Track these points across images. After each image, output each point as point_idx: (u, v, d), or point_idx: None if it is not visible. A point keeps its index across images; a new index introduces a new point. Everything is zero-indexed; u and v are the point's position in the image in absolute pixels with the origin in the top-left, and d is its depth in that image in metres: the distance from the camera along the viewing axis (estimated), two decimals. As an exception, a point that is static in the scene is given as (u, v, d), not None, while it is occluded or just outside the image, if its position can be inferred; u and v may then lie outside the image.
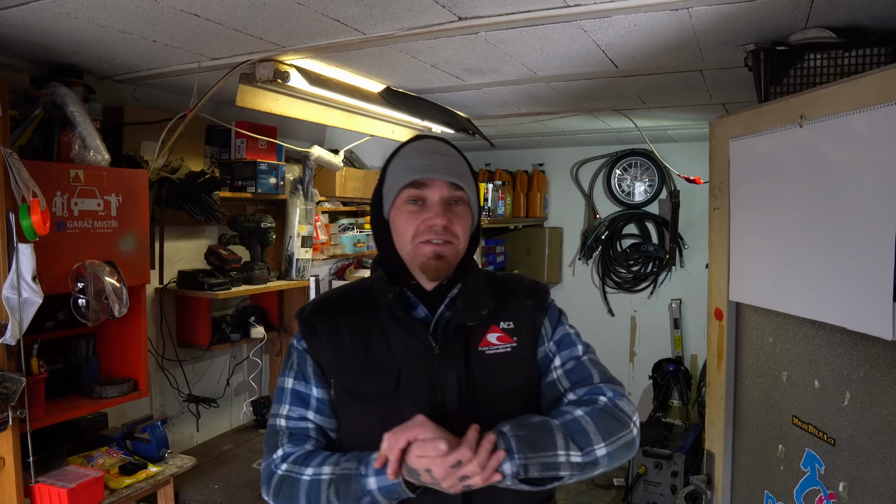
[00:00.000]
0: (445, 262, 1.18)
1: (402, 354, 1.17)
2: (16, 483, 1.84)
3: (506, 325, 1.23)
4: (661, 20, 1.72)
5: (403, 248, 1.20)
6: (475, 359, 1.19)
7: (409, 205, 1.18)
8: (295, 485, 1.13)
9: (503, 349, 1.21)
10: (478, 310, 1.20)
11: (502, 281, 1.31)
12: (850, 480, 1.38)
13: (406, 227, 1.18)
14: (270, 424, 1.23)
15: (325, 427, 1.21)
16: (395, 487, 1.06)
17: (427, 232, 1.17)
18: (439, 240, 1.16)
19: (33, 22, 1.70)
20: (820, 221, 1.42)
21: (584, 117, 3.44)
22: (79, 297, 1.94)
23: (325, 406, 1.21)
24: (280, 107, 2.42)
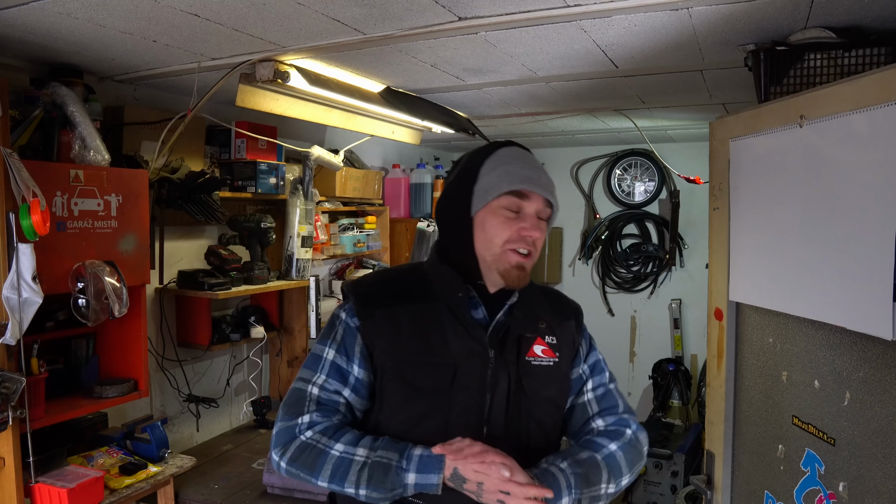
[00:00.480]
0: (526, 273, 1.24)
1: (459, 353, 1.20)
2: (16, 483, 1.84)
3: (550, 339, 1.29)
4: (661, 20, 1.72)
5: (489, 250, 1.23)
6: (523, 367, 1.24)
7: (507, 211, 1.22)
8: (321, 456, 1.15)
9: (547, 362, 1.27)
10: (537, 322, 1.28)
11: (550, 296, 1.39)
12: (850, 480, 1.38)
13: (499, 231, 1.22)
14: (298, 388, 1.23)
15: (355, 407, 1.23)
16: (432, 487, 1.10)
17: (520, 241, 1.21)
18: (526, 250, 1.22)
19: (33, 22, 1.70)
20: (820, 221, 1.42)
21: (584, 117, 3.44)
22: (79, 297, 1.94)
23: (362, 387, 1.23)
24: (280, 107, 2.42)
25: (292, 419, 1.19)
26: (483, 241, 1.23)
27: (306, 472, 1.16)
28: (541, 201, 1.23)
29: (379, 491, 1.11)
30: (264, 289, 2.84)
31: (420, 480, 1.10)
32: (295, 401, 1.22)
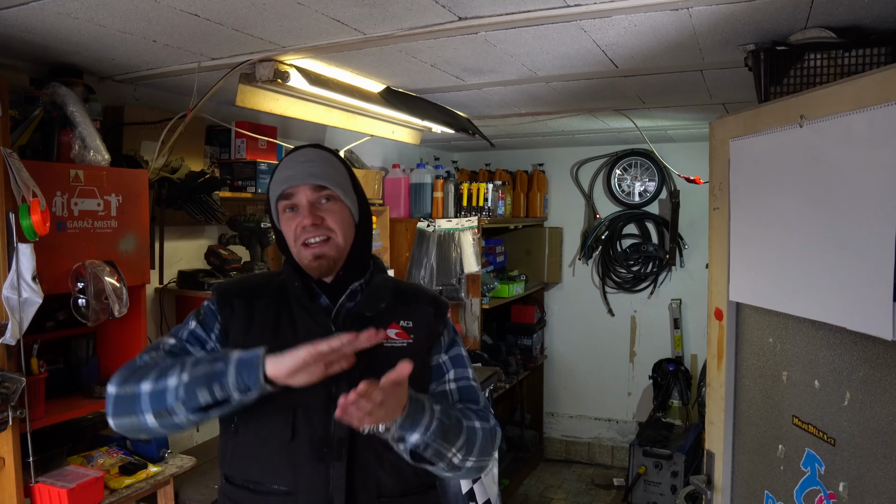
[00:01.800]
0: (325, 259, 1.30)
1: (305, 337, 1.23)
2: (16, 483, 1.84)
3: (405, 323, 1.37)
4: (661, 20, 1.72)
5: (294, 253, 1.34)
6: (373, 349, 1.25)
7: (286, 213, 1.33)
8: (151, 367, 1.22)
9: (399, 344, 1.34)
10: (377, 302, 1.35)
11: (407, 287, 1.48)
12: (850, 480, 1.38)
13: (287, 234, 1.34)
14: (154, 343, 1.33)
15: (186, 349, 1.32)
16: (253, 375, 1.13)
17: (302, 233, 1.30)
18: (314, 238, 1.30)
19: (33, 22, 1.70)
20: (820, 221, 1.42)
21: (584, 117, 3.44)
22: (79, 297, 1.94)
23: (197, 340, 1.33)
24: (280, 107, 2.42)
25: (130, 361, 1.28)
26: (288, 245, 1.35)
27: (133, 383, 1.19)
28: (307, 190, 1.30)
29: (200, 382, 1.14)
30: (264, 289, 2.84)
31: (241, 368, 1.14)
32: (146, 349, 1.31)
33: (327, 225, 1.31)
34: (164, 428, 1.20)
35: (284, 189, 1.31)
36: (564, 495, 4.47)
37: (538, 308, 4.93)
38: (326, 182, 1.32)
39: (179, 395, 1.15)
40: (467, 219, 3.89)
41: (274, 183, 1.35)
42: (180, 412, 1.16)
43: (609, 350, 4.94)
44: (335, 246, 1.31)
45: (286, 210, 1.33)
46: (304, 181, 1.31)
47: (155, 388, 1.17)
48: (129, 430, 1.23)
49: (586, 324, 5.01)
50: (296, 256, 1.33)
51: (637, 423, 4.84)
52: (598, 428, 5.05)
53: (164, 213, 2.50)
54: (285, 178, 1.32)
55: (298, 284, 1.33)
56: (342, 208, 1.34)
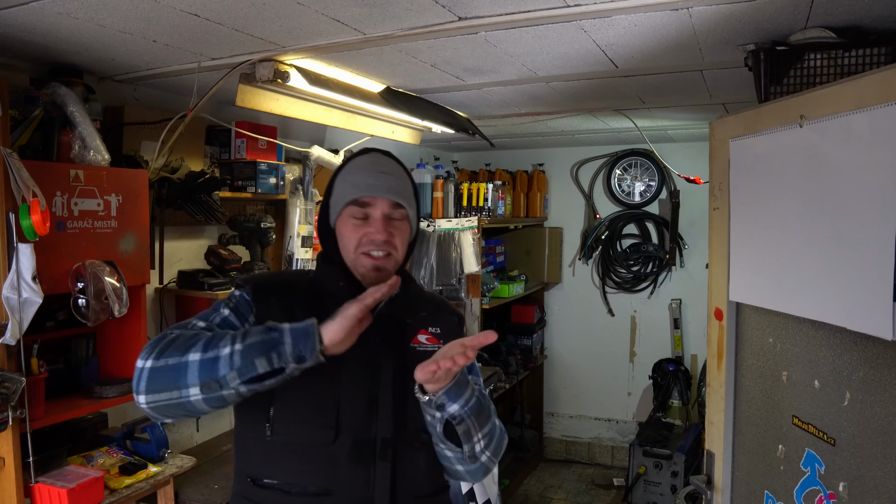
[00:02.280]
0: (384, 273, 1.31)
1: None
2: (16, 483, 1.84)
3: (434, 329, 1.39)
4: (661, 20, 1.72)
5: (347, 257, 1.34)
6: (409, 352, 1.34)
7: (354, 218, 1.32)
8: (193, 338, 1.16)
9: (431, 348, 1.34)
10: (417, 311, 1.39)
11: (430, 295, 1.51)
12: (850, 480, 1.38)
13: (350, 238, 1.32)
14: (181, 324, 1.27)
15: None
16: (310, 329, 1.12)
17: (368, 244, 1.31)
18: (379, 252, 1.30)
19: (33, 22, 1.70)
20: (820, 221, 1.42)
21: (584, 117, 3.44)
22: (79, 297, 1.94)
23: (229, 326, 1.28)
24: (280, 107, 2.42)
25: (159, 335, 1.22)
26: (342, 247, 1.34)
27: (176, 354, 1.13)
28: (386, 204, 1.31)
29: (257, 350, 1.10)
30: (264, 289, 2.84)
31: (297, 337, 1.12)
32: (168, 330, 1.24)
33: (394, 242, 1.32)
34: (207, 403, 1.13)
35: (361, 196, 1.31)
36: (564, 495, 4.47)
37: (538, 308, 4.93)
38: (403, 201, 1.33)
39: (235, 363, 1.10)
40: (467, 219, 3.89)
41: (347, 184, 1.33)
42: (232, 382, 1.10)
43: (609, 350, 4.95)
44: (395, 262, 1.34)
45: (354, 216, 1.32)
46: (385, 195, 1.31)
47: (205, 357, 1.11)
48: (162, 407, 1.14)
49: (586, 324, 5.01)
50: (350, 261, 1.33)
51: (637, 423, 4.84)
52: (598, 428, 5.05)
53: (164, 213, 2.50)
54: (365, 186, 1.31)
55: (344, 285, 1.32)
56: (408, 228, 1.36)
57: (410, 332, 1.37)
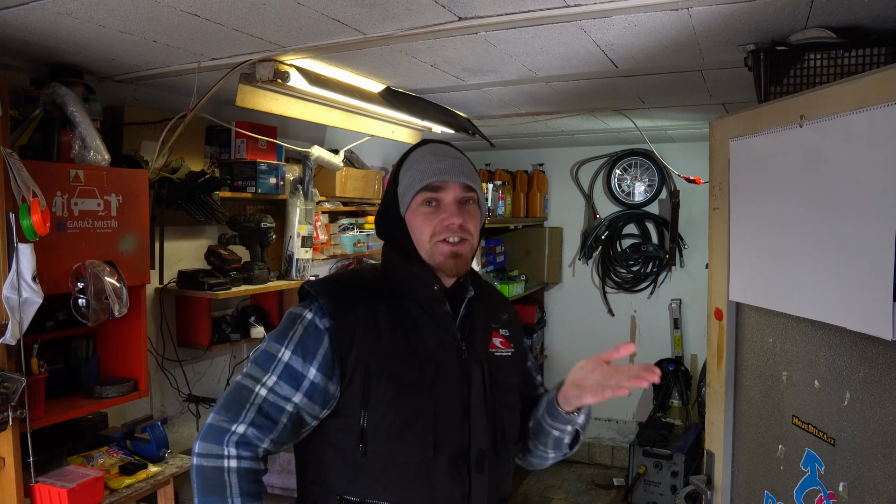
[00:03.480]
0: (463, 259, 1.25)
1: (435, 347, 1.23)
2: (16, 483, 1.84)
3: (504, 332, 1.35)
4: (661, 20, 1.72)
5: (422, 248, 1.25)
6: (490, 358, 1.29)
7: (425, 206, 1.25)
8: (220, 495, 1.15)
9: (505, 353, 1.33)
10: (500, 313, 1.35)
11: (492, 289, 1.44)
12: (850, 480, 1.38)
13: (423, 228, 1.24)
14: (244, 386, 1.17)
15: (306, 412, 1.18)
16: None
17: (444, 231, 1.23)
18: (455, 238, 1.24)
19: (33, 22, 1.70)
20: (820, 221, 1.42)
21: (584, 117, 3.44)
22: (79, 297, 1.94)
23: (317, 393, 1.17)
24: (280, 107, 2.42)
25: (227, 422, 1.15)
26: (416, 239, 1.26)
27: (203, 493, 1.17)
28: (458, 188, 1.25)
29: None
30: (264, 289, 2.84)
31: None
32: (236, 399, 1.16)
33: (468, 228, 1.25)
34: None
35: (433, 181, 1.24)
36: (564, 495, 4.47)
37: (538, 308, 4.92)
38: (475, 184, 1.28)
39: None
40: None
41: (417, 171, 1.26)
42: None
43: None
44: (471, 247, 1.27)
45: (426, 203, 1.25)
46: (457, 178, 1.25)
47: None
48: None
49: (586, 324, 5.01)
50: (427, 252, 1.24)
51: (637, 423, 4.84)
52: (598, 428, 5.05)
53: (164, 213, 2.50)
54: (435, 170, 1.24)
55: (439, 289, 1.24)
56: (478, 212, 1.30)
57: (487, 337, 1.32)
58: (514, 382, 1.33)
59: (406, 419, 1.17)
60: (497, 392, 1.27)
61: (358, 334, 1.18)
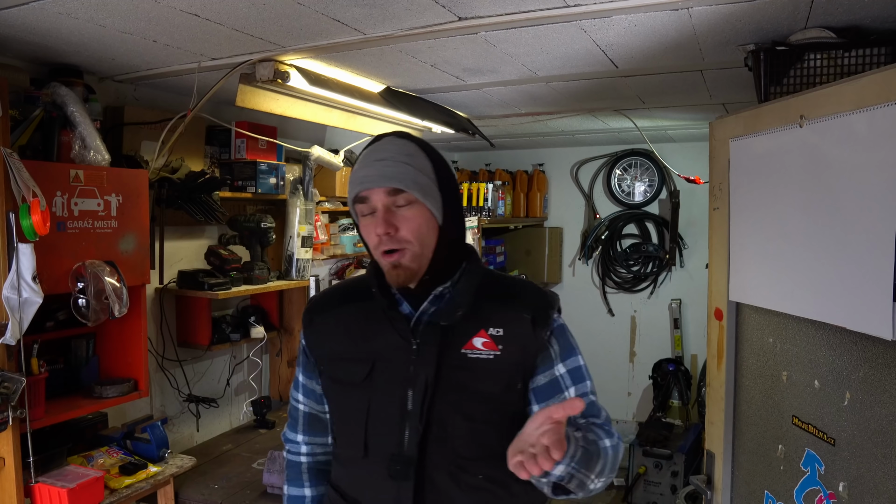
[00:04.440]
0: (403, 270, 1.17)
1: (380, 347, 1.22)
2: (16, 483, 1.84)
3: (495, 331, 1.20)
4: (661, 20, 1.72)
5: (373, 256, 1.25)
6: (456, 360, 1.19)
7: (363, 217, 1.21)
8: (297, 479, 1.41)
9: (486, 355, 1.19)
10: (454, 311, 1.20)
11: (506, 286, 1.29)
12: (850, 480, 1.38)
13: (367, 240, 1.23)
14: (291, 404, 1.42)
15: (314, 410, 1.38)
16: None
17: (380, 243, 1.18)
18: (391, 248, 1.17)
19: (33, 22, 1.70)
20: (820, 221, 1.42)
21: (584, 117, 3.44)
22: (79, 297, 1.94)
23: (310, 392, 1.37)
24: (280, 107, 2.42)
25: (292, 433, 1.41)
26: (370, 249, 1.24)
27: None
28: (382, 194, 1.16)
29: None
30: (264, 289, 2.84)
31: None
32: (292, 414, 1.42)
33: (401, 236, 1.16)
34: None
35: (359, 192, 1.19)
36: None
37: (538, 308, 4.91)
38: (402, 184, 1.16)
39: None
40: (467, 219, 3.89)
41: (350, 183, 1.22)
42: None
43: (609, 350, 4.94)
44: (412, 255, 1.17)
45: (364, 214, 1.20)
46: (378, 184, 1.16)
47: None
48: None
49: (586, 324, 5.00)
50: (378, 262, 1.23)
51: (637, 423, 4.83)
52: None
53: (164, 213, 2.50)
54: (360, 179, 1.19)
55: (377, 291, 1.22)
56: (420, 212, 1.17)
57: (464, 336, 1.20)
58: (482, 389, 1.18)
59: (342, 418, 1.27)
60: (452, 398, 1.17)
61: (319, 340, 1.31)
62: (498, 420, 1.19)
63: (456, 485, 1.17)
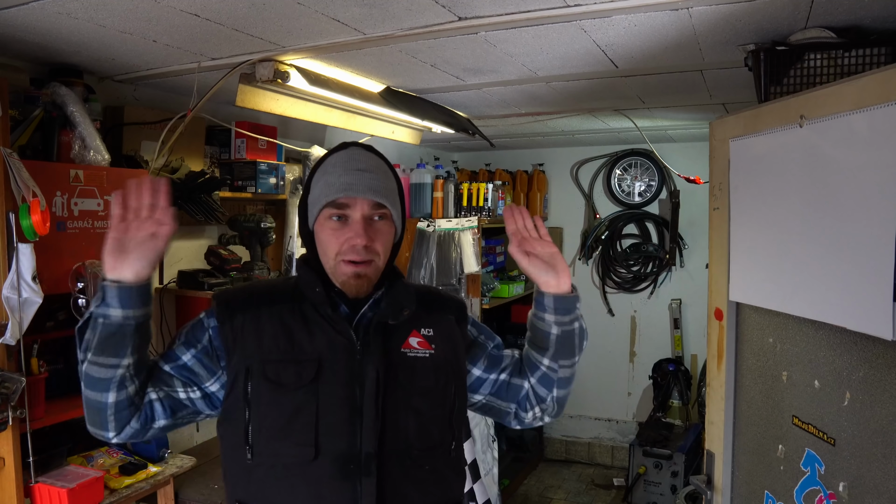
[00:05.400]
0: (365, 280, 1.23)
1: (323, 347, 1.21)
2: (16, 483, 1.84)
3: (426, 331, 1.29)
4: (661, 20, 1.72)
5: (326, 264, 1.25)
6: (397, 358, 1.25)
7: (332, 221, 1.22)
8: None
9: (422, 353, 1.27)
10: (400, 310, 1.26)
11: (426, 293, 1.39)
12: (850, 480, 1.38)
13: (329, 244, 1.22)
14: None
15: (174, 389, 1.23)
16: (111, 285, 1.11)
17: (349, 251, 1.20)
18: (360, 259, 1.20)
19: (33, 22, 1.70)
20: (820, 221, 1.42)
21: (584, 117, 3.44)
22: (79, 297, 1.94)
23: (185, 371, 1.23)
24: (280, 107, 2.42)
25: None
26: (321, 254, 1.25)
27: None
28: (366, 205, 1.21)
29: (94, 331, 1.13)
30: (264, 289, 2.84)
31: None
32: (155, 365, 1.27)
33: (375, 248, 1.22)
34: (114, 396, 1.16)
35: (339, 197, 1.20)
36: (564, 495, 4.47)
37: (538, 308, 4.91)
38: (386, 200, 1.23)
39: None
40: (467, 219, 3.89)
41: (324, 185, 1.23)
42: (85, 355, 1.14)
43: (609, 350, 4.94)
44: (376, 268, 1.24)
45: (332, 218, 1.22)
46: (364, 194, 1.20)
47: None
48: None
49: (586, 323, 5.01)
50: (330, 269, 1.24)
51: (637, 423, 4.84)
52: (598, 428, 5.05)
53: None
54: (342, 185, 1.21)
55: (320, 291, 1.23)
56: (390, 228, 1.27)
57: (400, 336, 1.27)
58: (424, 384, 1.25)
59: (284, 419, 1.18)
60: (401, 394, 1.22)
61: (240, 337, 1.22)
62: (440, 414, 1.27)
63: (407, 478, 1.21)
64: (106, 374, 1.13)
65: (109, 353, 1.13)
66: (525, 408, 1.37)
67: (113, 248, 1.13)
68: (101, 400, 1.15)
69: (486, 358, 1.38)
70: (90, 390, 1.15)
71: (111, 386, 1.14)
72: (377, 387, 1.19)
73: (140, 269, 1.12)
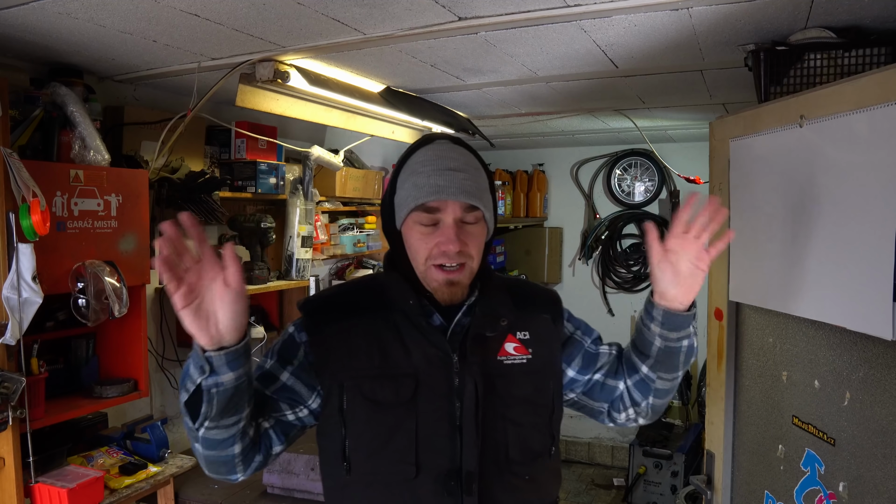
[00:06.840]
0: (459, 287, 1.17)
1: (419, 361, 1.15)
2: (16, 483, 1.84)
3: (522, 335, 1.23)
4: (661, 20, 1.72)
5: (416, 268, 1.18)
6: (494, 368, 1.19)
7: (421, 226, 1.15)
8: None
9: (519, 360, 1.21)
10: (497, 320, 1.20)
11: (518, 289, 1.32)
12: (850, 480, 1.38)
13: (418, 249, 1.16)
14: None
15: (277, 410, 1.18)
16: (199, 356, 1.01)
17: (440, 256, 1.14)
18: (453, 264, 1.14)
19: (33, 22, 1.70)
20: (820, 221, 1.42)
21: (584, 117, 3.44)
22: (79, 297, 1.94)
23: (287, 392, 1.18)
24: (280, 107, 2.42)
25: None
26: (411, 257, 1.18)
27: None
28: (458, 208, 1.13)
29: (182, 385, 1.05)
30: (264, 289, 2.84)
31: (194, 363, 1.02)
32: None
33: (468, 251, 1.15)
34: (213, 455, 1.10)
35: (428, 201, 1.12)
36: (564, 495, 4.47)
37: (538, 308, 4.91)
38: (478, 202, 1.15)
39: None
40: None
41: (412, 186, 1.15)
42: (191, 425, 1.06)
43: (609, 350, 4.94)
44: (470, 272, 1.17)
45: (422, 223, 1.15)
46: (457, 197, 1.12)
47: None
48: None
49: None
50: (421, 274, 1.17)
51: (637, 423, 4.84)
52: (597, 428, 5.05)
53: (164, 213, 2.50)
54: (433, 188, 1.12)
55: (414, 304, 1.16)
56: (483, 229, 1.19)
57: (496, 343, 1.20)
58: (521, 394, 1.20)
59: (383, 438, 1.13)
60: (498, 405, 1.17)
61: (332, 351, 1.17)
62: (539, 422, 1.23)
63: (505, 490, 1.18)
64: (229, 433, 1.07)
65: (230, 414, 1.05)
66: (618, 409, 1.31)
67: (191, 317, 1.00)
68: (227, 454, 1.10)
69: (581, 357, 1.30)
70: (213, 450, 1.09)
71: (235, 441, 1.09)
72: (476, 401, 1.14)
73: (238, 327, 1.01)
